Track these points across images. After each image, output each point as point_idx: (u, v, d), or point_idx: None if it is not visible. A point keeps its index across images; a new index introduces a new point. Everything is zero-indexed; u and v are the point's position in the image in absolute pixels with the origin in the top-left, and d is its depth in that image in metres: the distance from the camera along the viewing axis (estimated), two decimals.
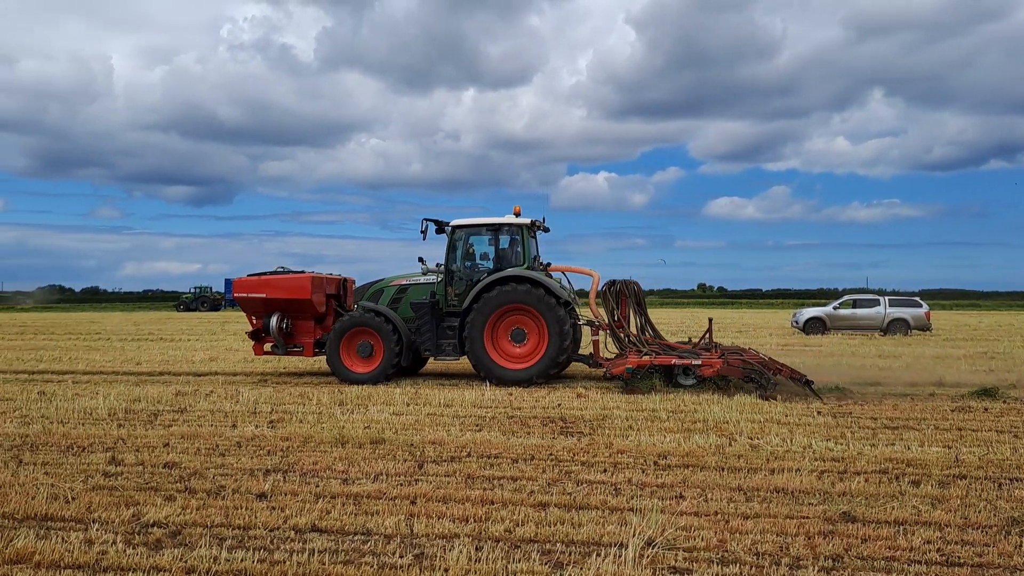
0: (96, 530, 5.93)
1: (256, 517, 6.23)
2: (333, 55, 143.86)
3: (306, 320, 15.82)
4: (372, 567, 5.18)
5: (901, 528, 6.01)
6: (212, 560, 5.27)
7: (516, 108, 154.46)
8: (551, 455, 8.43)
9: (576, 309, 15.50)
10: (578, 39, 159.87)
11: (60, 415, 11.05)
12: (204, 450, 8.78)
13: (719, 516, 6.29)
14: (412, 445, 8.92)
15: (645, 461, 8.15)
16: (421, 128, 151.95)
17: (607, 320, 14.97)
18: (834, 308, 29.95)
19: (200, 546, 5.54)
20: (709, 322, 15.10)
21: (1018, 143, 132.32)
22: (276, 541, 5.72)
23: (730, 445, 8.86)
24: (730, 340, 26.27)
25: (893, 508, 6.49)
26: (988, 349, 22.55)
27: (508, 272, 14.74)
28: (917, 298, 30.15)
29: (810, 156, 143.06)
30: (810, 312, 30.45)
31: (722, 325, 36.54)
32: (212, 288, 69.21)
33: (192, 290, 69.44)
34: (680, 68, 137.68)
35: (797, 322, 30.24)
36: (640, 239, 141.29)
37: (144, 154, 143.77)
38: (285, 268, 16.29)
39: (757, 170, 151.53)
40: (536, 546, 5.57)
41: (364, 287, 16.25)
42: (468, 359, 14.87)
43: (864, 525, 6.08)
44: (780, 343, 25.03)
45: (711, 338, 14.77)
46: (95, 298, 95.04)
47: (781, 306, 65.53)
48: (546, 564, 5.24)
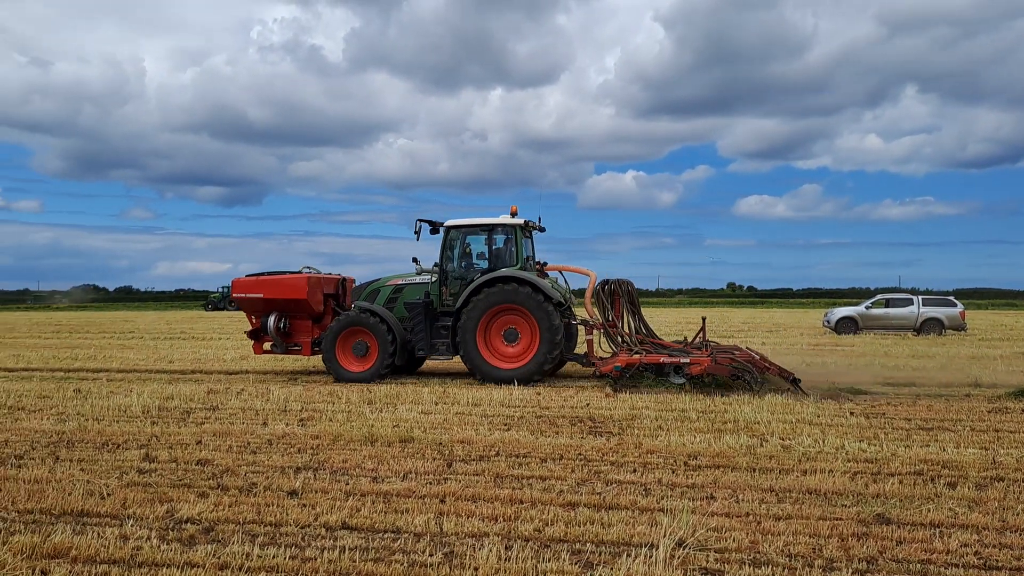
0: (131, 526, 6.01)
1: (287, 514, 6.28)
2: (361, 56, 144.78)
3: (304, 320, 16.07)
4: (402, 565, 5.19)
5: (937, 531, 5.91)
6: (244, 556, 5.32)
7: (543, 107, 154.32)
8: (580, 455, 8.40)
9: (572, 309, 15.65)
10: (606, 37, 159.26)
11: (95, 412, 11.23)
12: (236, 447, 8.87)
13: (751, 517, 6.23)
14: (441, 444, 8.94)
15: (675, 461, 8.09)
16: (448, 128, 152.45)
17: (601, 319, 15.01)
18: (866, 308, 29.55)
19: (233, 542, 5.60)
20: (703, 321, 15.14)
21: None
22: (307, 538, 5.76)
23: (761, 446, 8.78)
24: (760, 340, 26.07)
25: (929, 510, 6.38)
26: None
27: (500, 272, 14.86)
28: (951, 297, 29.63)
29: (841, 154, 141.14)
30: (842, 312, 30.06)
31: (752, 325, 36.27)
32: None
33: (220, 289, 70.08)
34: (709, 66, 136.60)
35: (829, 322, 29.89)
36: (668, 238, 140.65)
37: (176, 155, 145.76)
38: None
39: (787, 168, 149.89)
40: (566, 546, 5.56)
41: (361, 287, 16.40)
42: (461, 358, 14.97)
43: (899, 527, 5.99)
44: (811, 343, 24.75)
45: (704, 337, 14.79)
46: (128, 297, 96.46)
47: (812, 306, 64.79)
48: (576, 564, 5.22)
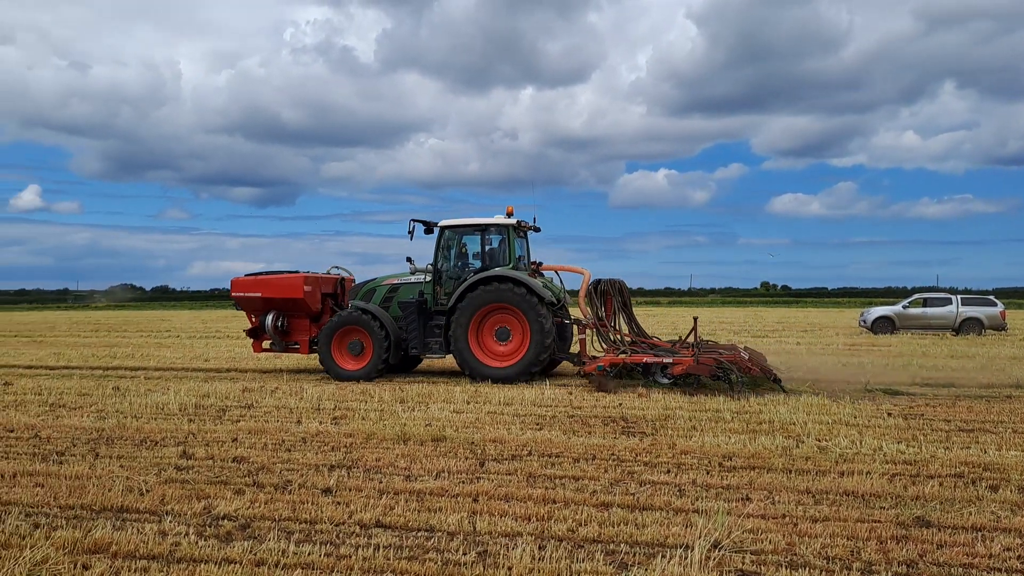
0: (169, 522, 6.10)
1: (322, 512, 6.33)
2: (393, 56, 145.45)
3: (301, 318, 16.32)
4: (436, 564, 5.21)
5: (979, 534, 5.79)
6: (280, 553, 5.37)
7: (574, 106, 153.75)
8: (613, 455, 8.36)
9: (567, 308, 15.79)
10: (637, 35, 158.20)
11: (134, 410, 11.41)
12: (271, 445, 8.96)
13: (787, 519, 6.16)
14: (473, 443, 8.95)
15: (710, 462, 8.02)
16: (479, 127, 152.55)
17: (593, 319, 15.05)
18: (903, 307, 29.04)
19: (269, 539, 5.66)
20: (694, 321, 15.25)
21: None
22: (342, 536, 5.80)
23: (797, 447, 8.67)
24: (795, 340, 25.80)
25: (970, 514, 6.26)
26: None
27: (492, 272, 14.97)
28: (991, 296, 29.02)
29: (877, 151, 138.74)
30: (878, 311, 29.58)
31: (786, 324, 35.87)
32: None
33: None
34: (742, 63, 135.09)
35: (865, 321, 29.44)
36: (701, 237, 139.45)
37: (211, 156, 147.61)
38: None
39: (822, 166, 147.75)
40: (600, 546, 5.53)
41: (358, 286, 16.57)
42: (453, 357, 15.12)
43: (939, 531, 5.89)
44: (847, 343, 24.40)
45: (696, 336, 14.80)
46: (164, 297, 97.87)
47: (847, 305, 63.88)
48: (610, 564, 5.19)
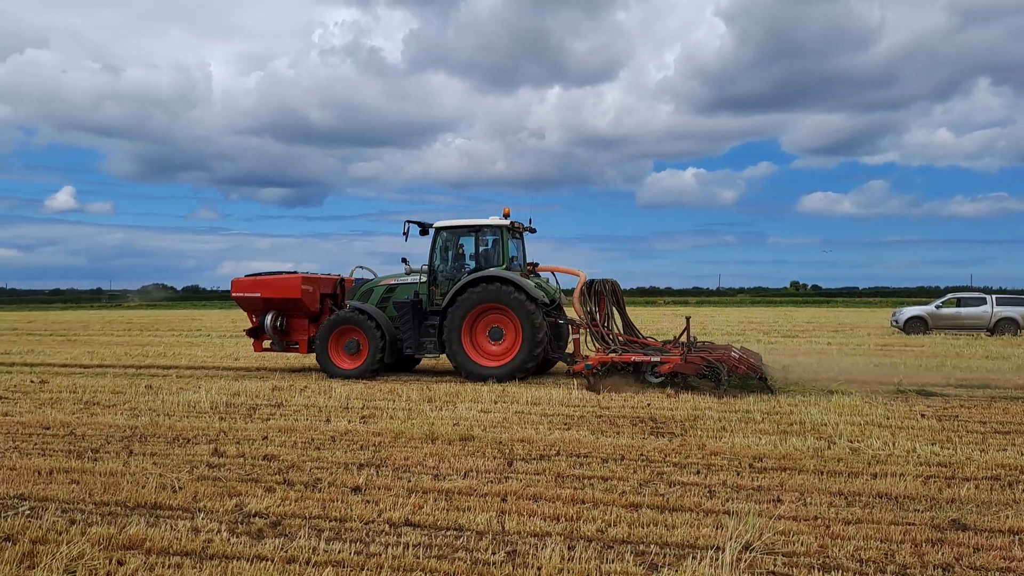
0: (202, 519, 6.16)
1: (351, 510, 6.36)
2: (420, 56, 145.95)
3: (300, 318, 16.57)
4: (465, 563, 5.21)
5: (1017, 538, 5.68)
6: (311, 551, 5.40)
7: (601, 104, 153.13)
8: (642, 455, 8.32)
9: (562, 308, 16.03)
10: (665, 33, 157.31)
11: (166, 408, 11.56)
12: (300, 443, 9.02)
13: (819, 521, 6.08)
14: (501, 443, 8.95)
15: (740, 463, 7.95)
16: (505, 127, 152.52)
17: (586, 319, 15.11)
18: (936, 307, 28.62)
19: (299, 537, 5.70)
20: (687, 320, 15.38)
21: None
22: (371, 534, 5.83)
23: (829, 448, 8.57)
24: (826, 340, 25.52)
25: (1007, 517, 6.14)
26: None
27: (484, 272, 15.13)
28: None
29: (910, 149, 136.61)
30: (911, 311, 29.18)
31: (817, 324, 35.49)
32: None
33: None
34: (771, 60, 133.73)
35: (897, 321, 29.05)
36: (730, 236, 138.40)
37: (240, 158, 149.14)
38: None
39: (853, 164, 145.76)
40: (629, 547, 5.50)
41: (356, 287, 16.77)
42: (447, 356, 15.30)
43: (976, 534, 5.78)
44: (879, 343, 24.09)
45: (688, 336, 14.83)
46: (195, 296, 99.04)
47: (879, 305, 63.08)
48: (640, 565, 5.16)
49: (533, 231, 16.77)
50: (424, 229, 16.02)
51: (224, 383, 14.55)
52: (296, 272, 16.47)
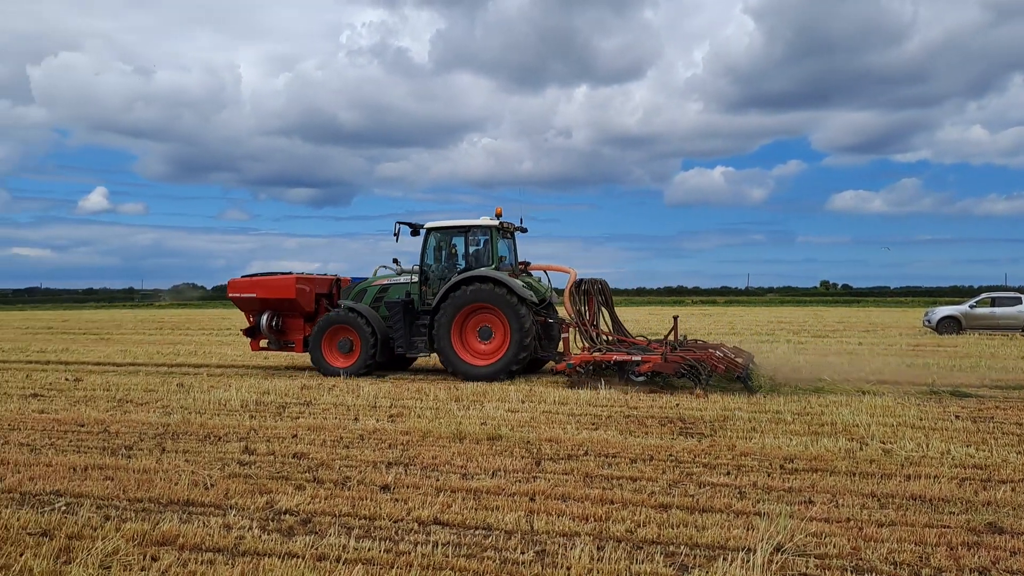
0: (233, 516, 6.22)
1: (381, 508, 6.39)
2: (447, 56, 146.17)
3: (295, 318, 16.88)
4: (494, 562, 5.21)
5: None
6: (341, 548, 5.43)
7: (629, 103, 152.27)
8: (671, 456, 8.27)
9: (554, 307, 16.22)
10: (693, 31, 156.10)
11: (197, 406, 11.70)
12: (329, 442, 9.08)
13: (852, 523, 6.01)
14: (529, 442, 8.94)
15: (770, 464, 7.87)
16: (532, 126, 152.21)
17: (574, 318, 15.28)
18: (970, 307, 28.14)
19: (329, 534, 5.74)
20: (674, 320, 15.68)
21: None
22: (400, 532, 5.85)
23: (861, 449, 8.46)
24: (857, 340, 25.21)
25: None
26: None
27: (473, 272, 15.31)
28: None
29: (943, 146, 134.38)
30: (944, 311, 28.73)
31: (847, 324, 35.07)
32: None
33: None
34: (801, 57, 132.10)
35: (929, 321, 28.61)
36: (758, 235, 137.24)
37: (269, 158, 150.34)
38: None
39: (885, 162, 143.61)
40: (659, 548, 5.47)
41: (351, 287, 17.02)
42: (437, 355, 15.55)
43: (1013, 537, 5.67)
44: (911, 343, 23.75)
45: (675, 335, 15.13)
46: (225, 296, 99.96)
47: (911, 304, 62.18)
48: (670, 566, 5.13)
49: (524, 231, 17.03)
50: (415, 230, 16.29)
51: (254, 381, 14.69)
52: (291, 273, 16.82)
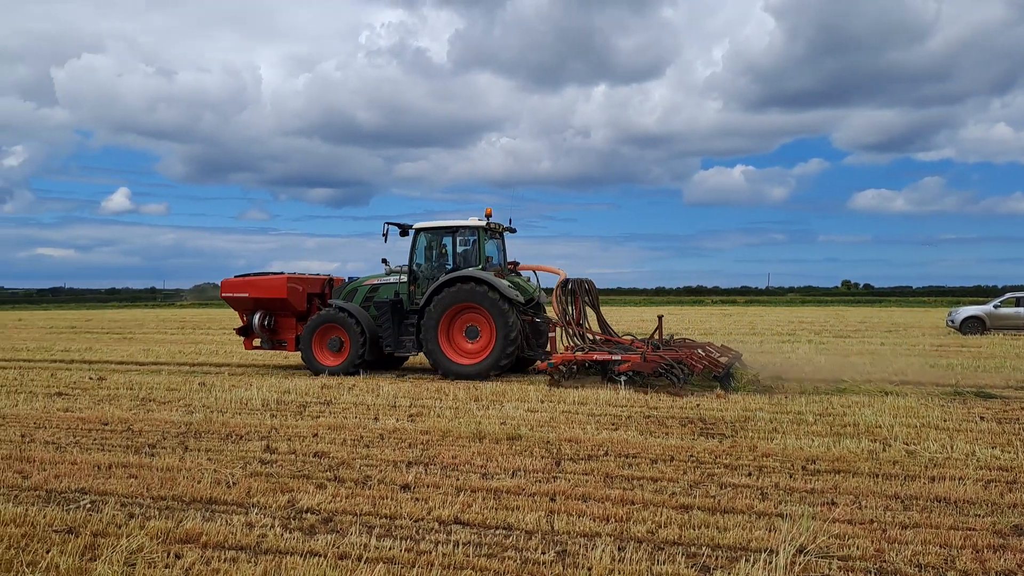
0: (256, 514, 6.27)
1: (401, 507, 6.41)
2: (465, 56, 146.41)
3: (287, 317, 17.11)
4: (515, 562, 5.21)
5: None
6: (363, 547, 5.45)
7: (648, 102, 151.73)
8: (692, 456, 8.24)
9: (542, 306, 16.44)
10: (713, 29, 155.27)
11: (219, 405, 11.79)
12: (350, 441, 9.12)
13: (875, 525, 5.96)
14: (548, 442, 8.94)
15: (792, 465, 7.82)
16: (551, 125, 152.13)
17: (560, 317, 15.44)
18: (994, 307, 27.79)
19: (351, 533, 5.76)
20: (659, 320, 15.89)
21: None
22: (421, 532, 5.86)
23: (884, 450, 8.38)
24: (879, 340, 24.97)
25: None
26: None
27: (460, 273, 15.46)
28: None
29: (967, 144, 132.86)
30: (968, 311, 28.39)
31: (869, 324, 34.77)
32: None
33: None
34: (823, 55, 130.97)
35: (953, 321, 28.29)
36: (779, 234, 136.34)
37: (289, 159, 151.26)
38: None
39: (907, 160, 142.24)
40: (680, 549, 5.44)
41: (342, 286, 17.23)
42: (424, 354, 15.68)
43: None
44: (934, 343, 23.50)
45: (660, 335, 15.39)
46: None
47: (934, 304, 61.55)
48: (692, 567, 5.11)
49: (513, 231, 17.24)
50: (404, 230, 16.49)
51: (274, 381, 14.78)
52: (283, 273, 17.03)
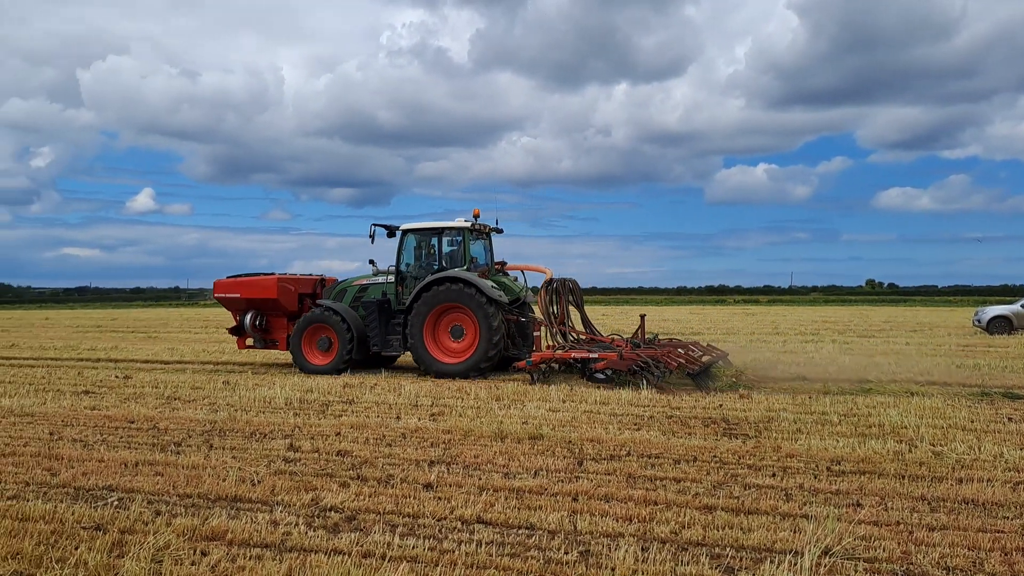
0: (280, 512, 6.31)
1: (424, 506, 6.42)
2: (486, 56, 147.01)
3: (279, 317, 17.35)
4: (538, 561, 5.21)
5: None
6: (386, 546, 5.48)
7: (670, 100, 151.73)
8: (715, 457, 8.19)
9: (528, 306, 16.61)
10: (735, 27, 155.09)
11: (243, 404, 11.88)
12: (372, 440, 9.16)
13: (901, 526, 5.90)
14: (570, 442, 8.92)
15: (817, 466, 7.76)
16: (572, 124, 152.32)
17: (544, 317, 15.64)
18: (1022, 306, 27.43)
19: (374, 532, 5.79)
20: (641, 319, 16.05)
21: None
22: (444, 531, 5.88)
23: (910, 451, 8.29)
24: (904, 340, 24.71)
25: None
26: None
27: (444, 273, 15.67)
28: None
29: (993, 142, 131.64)
30: (995, 310, 28.00)
31: (894, 324, 34.42)
32: None
33: None
34: (846, 52, 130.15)
35: (979, 321, 27.92)
36: (802, 233, 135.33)
37: (310, 159, 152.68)
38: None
39: (932, 158, 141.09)
40: (704, 549, 5.42)
41: (332, 287, 17.46)
42: (410, 353, 15.93)
43: None
44: (960, 343, 23.21)
45: (642, 334, 15.65)
46: None
47: (960, 304, 60.82)
48: (716, 568, 5.08)
49: (500, 231, 17.42)
50: (391, 232, 16.72)
51: (297, 380, 14.88)
52: (274, 273, 17.25)
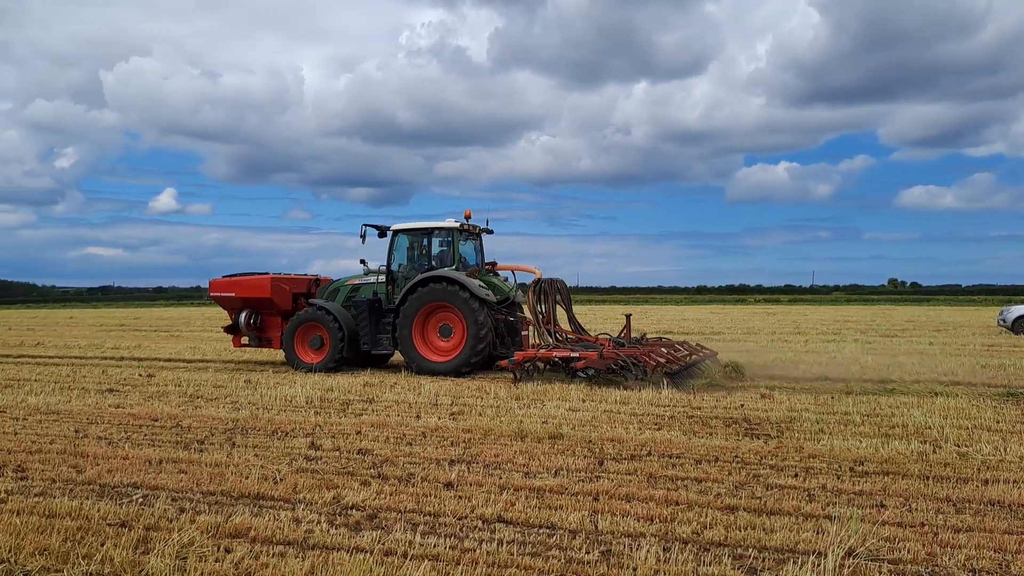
0: (302, 510, 6.35)
1: (445, 505, 6.44)
2: (505, 55, 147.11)
3: (273, 316, 17.65)
4: (559, 561, 5.21)
5: None
6: (407, 544, 5.50)
7: (689, 98, 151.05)
8: (736, 457, 8.15)
9: (517, 305, 16.82)
10: (756, 24, 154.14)
11: (265, 402, 11.97)
12: (393, 439, 9.20)
13: (926, 527, 5.84)
14: (591, 442, 8.91)
15: (840, 467, 7.70)
16: (591, 123, 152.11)
17: (532, 316, 15.76)
18: None
19: (396, 530, 5.81)
20: (627, 318, 16.18)
21: None
22: (465, 529, 5.89)
23: (934, 452, 8.21)
24: (928, 340, 24.47)
25: None
26: None
27: (433, 273, 15.93)
28: None
29: (1018, 139, 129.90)
30: (1020, 310, 27.59)
31: (917, 324, 34.07)
32: None
33: None
34: (869, 49, 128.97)
35: (1004, 320, 27.55)
36: (824, 232, 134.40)
37: (330, 159, 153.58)
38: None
39: (956, 156, 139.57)
40: (727, 550, 5.39)
41: (325, 286, 17.79)
42: (400, 351, 16.18)
43: None
44: (985, 343, 22.93)
45: (628, 333, 15.78)
46: None
47: (984, 303, 60.10)
48: (739, 569, 5.06)
49: (490, 232, 17.66)
50: (382, 232, 16.96)
51: (317, 379, 14.95)
52: (268, 273, 17.52)
